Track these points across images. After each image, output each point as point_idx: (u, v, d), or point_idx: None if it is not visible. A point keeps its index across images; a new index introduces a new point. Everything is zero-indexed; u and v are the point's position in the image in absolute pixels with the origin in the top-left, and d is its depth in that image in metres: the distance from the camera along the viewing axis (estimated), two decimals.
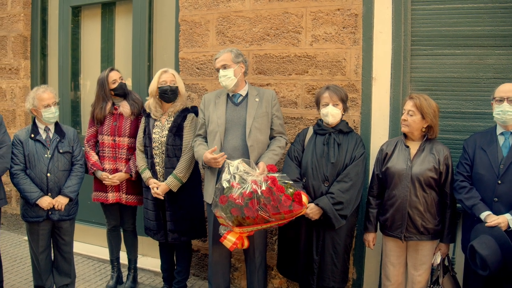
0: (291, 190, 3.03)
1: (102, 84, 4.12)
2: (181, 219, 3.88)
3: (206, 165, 3.52)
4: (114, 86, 4.11)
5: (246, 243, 3.30)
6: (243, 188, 3.01)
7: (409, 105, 3.22)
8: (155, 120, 3.91)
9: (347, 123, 3.51)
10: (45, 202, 3.69)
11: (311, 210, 3.29)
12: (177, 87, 3.87)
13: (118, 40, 5.34)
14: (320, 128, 3.47)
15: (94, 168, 4.12)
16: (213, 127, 3.58)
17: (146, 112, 3.99)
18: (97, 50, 5.49)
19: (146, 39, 4.94)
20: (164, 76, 3.85)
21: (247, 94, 3.64)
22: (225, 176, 3.10)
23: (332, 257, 3.39)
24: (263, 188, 2.98)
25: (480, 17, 3.55)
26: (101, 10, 5.44)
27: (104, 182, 4.12)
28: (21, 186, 3.70)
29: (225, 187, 3.08)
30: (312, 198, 3.36)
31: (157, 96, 3.87)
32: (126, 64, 5.09)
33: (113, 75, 4.12)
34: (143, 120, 4.02)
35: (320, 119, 3.51)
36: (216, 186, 3.21)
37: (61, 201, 3.75)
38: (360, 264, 3.96)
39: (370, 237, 3.46)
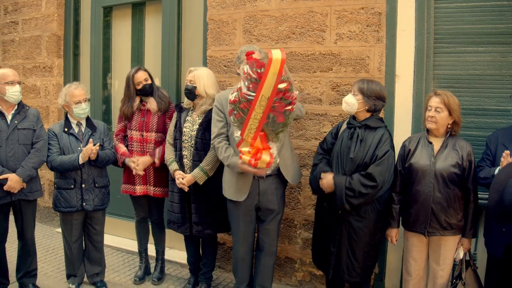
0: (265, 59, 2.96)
1: (128, 83, 4.26)
2: (206, 212, 3.96)
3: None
4: (138, 87, 4.24)
5: (267, 158, 3.17)
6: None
7: (435, 102, 3.22)
8: (187, 115, 4.03)
9: (379, 119, 3.44)
10: (85, 153, 3.84)
11: (327, 182, 3.35)
12: (194, 87, 3.93)
13: (148, 39, 5.48)
14: (349, 122, 3.50)
15: (124, 158, 4.25)
16: None
17: (178, 107, 4.12)
18: (128, 49, 5.63)
19: (175, 37, 5.07)
20: (188, 76, 3.99)
21: None
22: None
23: (348, 251, 3.37)
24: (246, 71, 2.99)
25: (503, 14, 3.57)
26: (132, 10, 5.58)
27: (132, 169, 4.22)
28: (60, 160, 3.87)
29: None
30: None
31: None
32: (156, 62, 5.23)
33: (138, 77, 4.23)
34: (175, 115, 4.13)
35: None
36: None
37: (95, 148, 3.87)
38: (381, 258, 4.00)
39: (393, 232, 3.47)
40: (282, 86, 2.94)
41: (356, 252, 3.37)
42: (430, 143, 3.30)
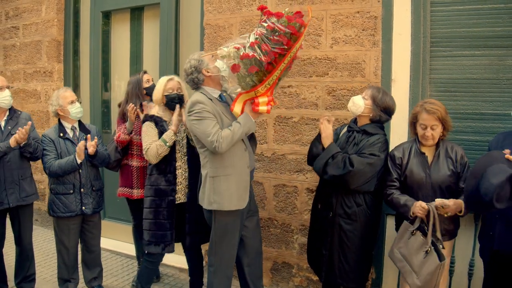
0: (286, 10, 3.00)
1: (137, 83, 4.28)
2: (200, 222, 3.70)
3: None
4: (147, 85, 4.28)
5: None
6: (247, 42, 2.98)
7: (430, 120, 3.11)
8: (167, 124, 3.80)
9: (379, 126, 3.41)
10: (80, 148, 3.81)
11: (328, 126, 3.39)
12: (183, 94, 3.81)
13: (146, 43, 5.50)
14: (350, 125, 3.50)
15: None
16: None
17: (155, 119, 3.81)
18: (127, 53, 5.66)
19: (173, 42, 5.09)
20: (170, 83, 3.79)
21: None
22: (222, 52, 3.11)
23: (339, 255, 3.34)
24: (265, 25, 2.95)
25: (500, 17, 3.53)
26: (130, 14, 5.61)
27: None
28: (58, 164, 3.83)
29: (231, 54, 3.04)
30: None
31: (163, 104, 3.81)
32: (154, 66, 5.23)
33: (147, 76, 4.34)
34: (153, 126, 3.79)
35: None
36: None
37: (94, 142, 3.85)
38: (379, 263, 3.98)
39: (417, 205, 3.09)
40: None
41: (347, 255, 3.34)
42: (423, 153, 3.23)
